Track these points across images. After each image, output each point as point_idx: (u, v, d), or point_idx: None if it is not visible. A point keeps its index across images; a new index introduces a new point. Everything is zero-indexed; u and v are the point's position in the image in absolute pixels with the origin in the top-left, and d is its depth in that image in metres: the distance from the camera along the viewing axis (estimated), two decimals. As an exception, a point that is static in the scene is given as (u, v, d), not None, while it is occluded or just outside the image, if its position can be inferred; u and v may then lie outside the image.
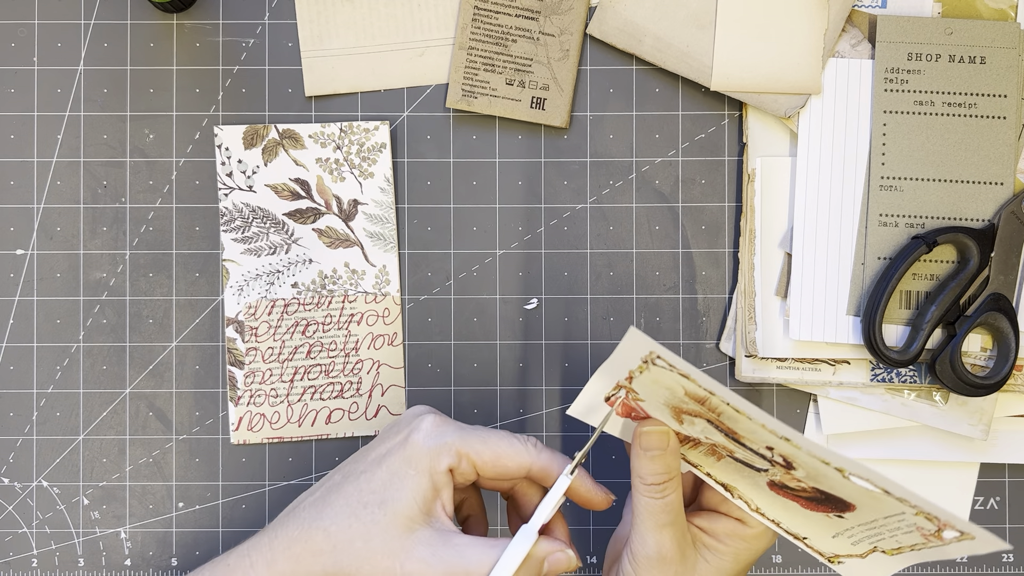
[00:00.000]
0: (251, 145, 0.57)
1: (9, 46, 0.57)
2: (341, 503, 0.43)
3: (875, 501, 0.39)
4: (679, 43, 0.56)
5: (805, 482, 0.41)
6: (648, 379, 0.41)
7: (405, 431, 0.44)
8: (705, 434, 0.42)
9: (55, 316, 0.57)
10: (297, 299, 0.57)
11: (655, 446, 0.43)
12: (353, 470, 0.44)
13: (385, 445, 0.44)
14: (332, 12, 0.57)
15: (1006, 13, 0.56)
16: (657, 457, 0.43)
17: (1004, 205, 0.54)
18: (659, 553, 0.43)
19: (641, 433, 0.44)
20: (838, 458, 0.38)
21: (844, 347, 0.55)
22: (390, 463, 0.43)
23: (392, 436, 0.45)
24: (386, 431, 0.46)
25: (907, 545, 0.41)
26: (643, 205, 0.57)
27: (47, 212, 0.57)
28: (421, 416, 0.45)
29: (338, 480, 0.44)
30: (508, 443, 0.44)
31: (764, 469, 0.42)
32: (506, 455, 0.44)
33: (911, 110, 0.55)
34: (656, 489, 0.43)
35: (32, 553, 0.57)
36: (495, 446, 0.44)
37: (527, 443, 0.45)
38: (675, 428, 0.44)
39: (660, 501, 0.43)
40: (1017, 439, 0.56)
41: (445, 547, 0.42)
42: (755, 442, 0.41)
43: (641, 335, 0.38)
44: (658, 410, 0.43)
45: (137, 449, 0.57)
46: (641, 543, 0.44)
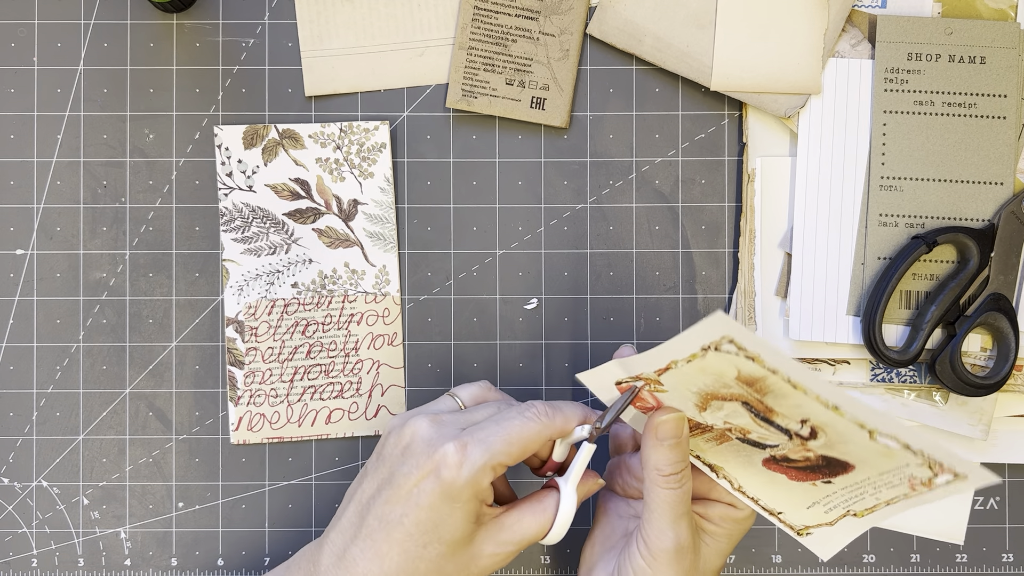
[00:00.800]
0: (251, 145, 0.57)
1: (9, 46, 0.57)
2: (397, 552, 0.43)
3: (884, 458, 0.40)
4: (679, 43, 0.56)
5: (816, 451, 0.41)
6: (693, 368, 0.41)
7: (428, 464, 0.43)
8: (727, 418, 0.42)
9: (55, 316, 0.57)
10: (297, 299, 0.57)
11: (671, 434, 0.44)
12: (389, 514, 0.43)
13: (411, 478, 0.43)
14: (332, 12, 0.57)
15: (1006, 13, 0.56)
16: (675, 446, 0.44)
17: (1004, 205, 0.54)
18: (678, 544, 0.44)
19: (658, 423, 0.44)
20: (876, 418, 0.38)
21: (844, 347, 0.55)
22: (432, 503, 0.42)
23: (413, 467, 0.43)
24: (394, 453, 0.45)
25: (884, 500, 0.42)
26: (643, 205, 0.57)
27: (47, 212, 0.57)
28: (434, 444, 0.43)
29: (375, 526, 0.43)
30: (524, 427, 0.44)
31: (775, 445, 0.42)
32: (529, 439, 0.44)
33: (911, 110, 0.55)
34: (675, 479, 0.44)
35: (32, 553, 0.57)
36: (516, 438, 0.43)
37: (539, 415, 0.44)
38: (692, 416, 0.44)
39: (678, 491, 0.44)
40: (1017, 439, 0.56)
41: (503, 532, 0.45)
42: (791, 417, 0.41)
43: (727, 318, 0.37)
44: (681, 399, 0.43)
45: (137, 449, 0.57)
46: (659, 536, 0.44)
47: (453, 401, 0.48)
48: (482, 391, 0.49)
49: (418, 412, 0.46)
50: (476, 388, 0.49)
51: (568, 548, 0.57)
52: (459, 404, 0.48)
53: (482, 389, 0.49)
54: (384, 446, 0.45)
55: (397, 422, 0.46)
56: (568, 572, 0.58)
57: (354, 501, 0.45)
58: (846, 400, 0.38)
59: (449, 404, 0.48)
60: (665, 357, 0.41)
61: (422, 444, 0.43)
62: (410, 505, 0.43)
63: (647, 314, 0.57)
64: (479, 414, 0.46)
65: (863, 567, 0.57)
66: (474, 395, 0.48)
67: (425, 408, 0.47)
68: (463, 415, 0.46)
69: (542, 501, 0.46)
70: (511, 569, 0.57)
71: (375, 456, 0.46)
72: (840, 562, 0.57)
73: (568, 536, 0.48)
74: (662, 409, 0.44)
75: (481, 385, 0.49)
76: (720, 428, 0.43)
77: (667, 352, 0.41)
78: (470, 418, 0.45)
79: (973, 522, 0.57)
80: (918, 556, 0.57)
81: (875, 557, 0.57)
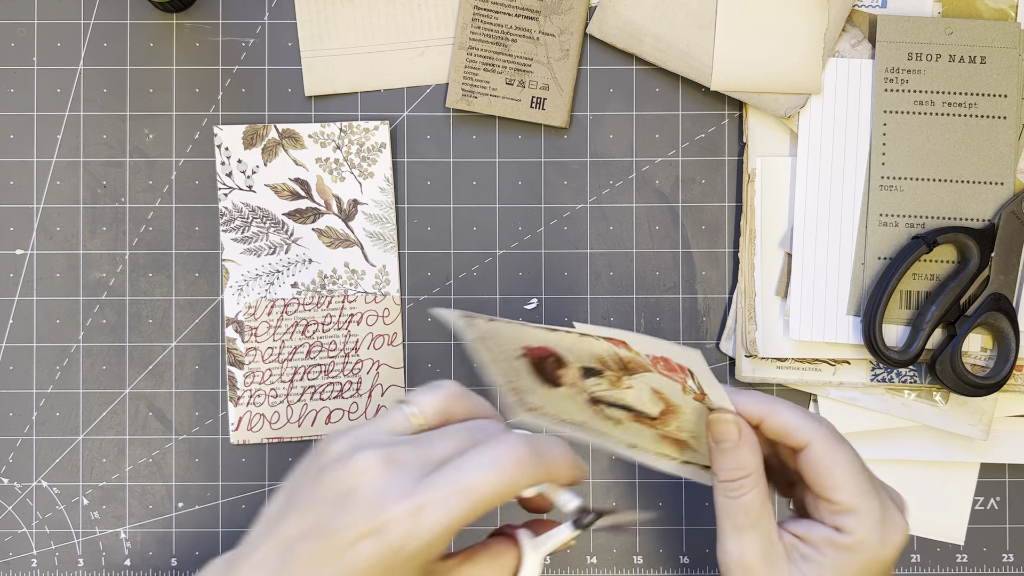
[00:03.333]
0: (251, 145, 0.57)
1: (9, 46, 0.57)
2: None
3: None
4: (679, 43, 0.56)
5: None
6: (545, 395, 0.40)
7: (370, 524, 0.35)
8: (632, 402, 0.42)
9: (55, 316, 0.57)
10: (297, 299, 0.57)
11: (726, 436, 0.40)
12: (315, 571, 0.35)
13: (346, 536, 0.35)
14: (332, 12, 0.57)
15: (1006, 13, 0.55)
16: (730, 450, 0.40)
17: (1004, 205, 0.54)
18: (739, 560, 0.39)
19: (711, 422, 0.40)
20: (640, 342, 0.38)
21: (844, 347, 0.55)
22: (368, 570, 0.35)
23: (351, 523, 0.35)
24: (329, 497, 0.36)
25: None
26: (643, 205, 0.57)
27: (47, 212, 0.57)
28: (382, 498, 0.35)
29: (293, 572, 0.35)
30: (497, 480, 0.35)
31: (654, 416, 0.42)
32: (501, 495, 0.36)
33: (911, 110, 0.55)
34: (732, 487, 0.40)
35: (32, 553, 0.57)
36: (486, 496, 0.35)
37: (519, 464, 0.36)
38: (595, 423, 0.42)
39: (736, 501, 0.40)
40: (1017, 439, 0.56)
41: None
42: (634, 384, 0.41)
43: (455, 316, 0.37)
44: (578, 411, 0.42)
45: (137, 449, 0.57)
46: (722, 548, 0.40)
47: (407, 416, 0.39)
48: (448, 402, 0.39)
49: (366, 443, 0.37)
50: (440, 399, 0.39)
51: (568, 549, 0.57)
52: (414, 420, 0.39)
53: (448, 399, 0.39)
54: (319, 481, 0.37)
55: (340, 450, 0.37)
56: (568, 572, 0.57)
57: (273, 537, 0.37)
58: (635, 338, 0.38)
59: (401, 423, 0.39)
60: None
61: (367, 496, 0.35)
62: (342, 566, 0.35)
63: (647, 314, 0.57)
64: (442, 448, 0.37)
65: (863, 567, 0.57)
66: (438, 409, 0.39)
67: (372, 432, 0.38)
68: (422, 449, 0.37)
69: (501, 557, 0.38)
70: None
71: (305, 483, 0.37)
72: (840, 562, 0.57)
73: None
74: (718, 410, 0.41)
75: (447, 394, 0.39)
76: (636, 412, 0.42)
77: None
78: (430, 453, 0.37)
79: (973, 522, 0.57)
80: (918, 556, 0.57)
81: (875, 557, 0.57)
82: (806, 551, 0.40)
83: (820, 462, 0.39)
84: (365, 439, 0.37)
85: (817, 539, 0.39)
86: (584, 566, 0.57)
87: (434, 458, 0.36)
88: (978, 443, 0.56)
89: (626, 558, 0.57)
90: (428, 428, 0.39)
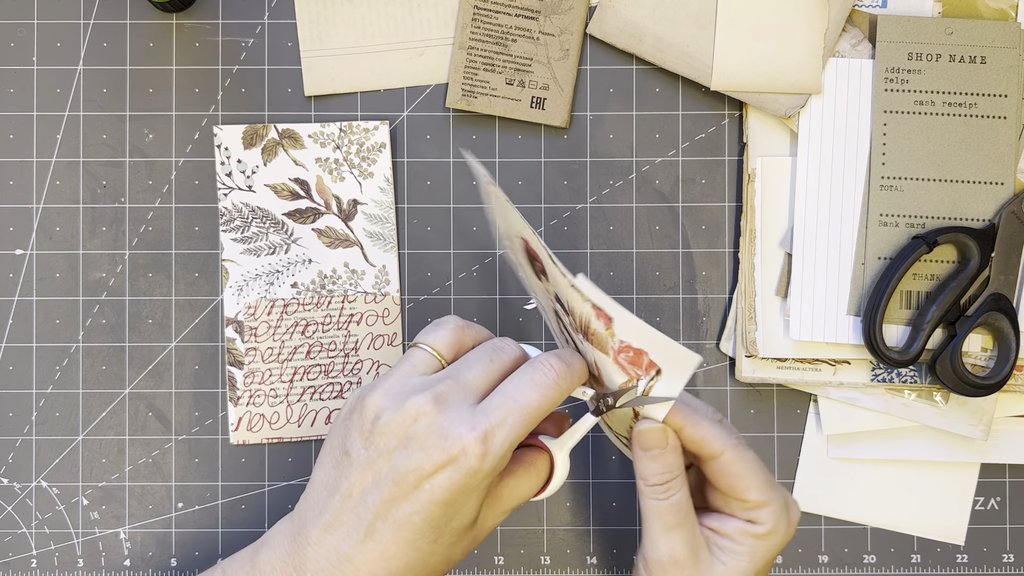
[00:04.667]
0: (250, 145, 0.57)
1: (8, 46, 0.57)
2: (407, 552, 0.40)
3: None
4: (679, 43, 0.56)
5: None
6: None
7: (443, 457, 0.39)
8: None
9: (54, 316, 0.57)
10: (297, 299, 0.57)
11: (654, 444, 0.43)
12: (395, 513, 0.39)
13: (421, 472, 0.39)
14: (332, 12, 0.57)
15: (1006, 13, 0.55)
16: (658, 456, 0.43)
17: (1004, 205, 0.54)
18: (671, 556, 0.42)
19: (639, 432, 0.43)
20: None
21: (844, 347, 0.55)
22: (448, 498, 0.39)
23: (423, 460, 0.39)
24: (390, 443, 0.40)
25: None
26: (643, 205, 0.57)
27: (46, 212, 0.57)
28: (447, 433, 0.39)
29: (379, 527, 0.39)
30: (544, 399, 0.40)
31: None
32: (548, 410, 0.41)
33: (911, 110, 0.55)
34: (660, 490, 0.43)
35: (31, 554, 0.57)
36: (537, 413, 0.40)
37: (559, 381, 0.41)
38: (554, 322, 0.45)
39: (665, 503, 0.43)
40: (1018, 439, 0.56)
41: (502, 501, 0.42)
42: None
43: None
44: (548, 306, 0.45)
45: (136, 449, 0.57)
46: (652, 547, 0.43)
47: (429, 355, 0.43)
48: (457, 335, 0.44)
49: (406, 389, 0.41)
50: (448, 332, 0.44)
51: (568, 549, 0.57)
52: (436, 357, 0.43)
53: (455, 332, 0.44)
54: (373, 435, 0.40)
55: (383, 402, 0.41)
56: (567, 572, 0.57)
57: (339, 496, 0.40)
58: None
59: (426, 360, 0.43)
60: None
61: (432, 434, 0.39)
62: (421, 502, 0.39)
63: (647, 314, 0.57)
64: (474, 376, 0.41)
65: (864, 567, 0.57)
66: (449, 342, 0.43)
67: (403, 378, 0.42)
68: (460, 382, 0.41)
69: (535, 464, 0.43)
70: (513, 570, 0.57)
71: (356, 441, 0.41)
72: (840, 562, 0.57)
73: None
74: (644, 420, 0.43)
75: (451, 327, 0.44)
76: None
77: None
78: (468, 384, 0.41)
79: (974, 522, 0.57)
80: (919, 556, 0.57)
81: (876, 558, 0.57)
82: (723, 543, 0.43)
83: (732, 468, 0.43)
84: (403, 386, 0.41)
85: (732, 531, 0.43)
86: (584, 566, 0.57)
87: (473, 387, 0.41)
88: (978, 443, 0.56)
89: (626, 558, 0.57)
90: (448, 362, 0.43)
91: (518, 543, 0.57)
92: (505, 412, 0.39)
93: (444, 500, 0.39)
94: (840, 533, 0.57)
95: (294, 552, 0.41)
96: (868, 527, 0.57)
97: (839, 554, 0.57)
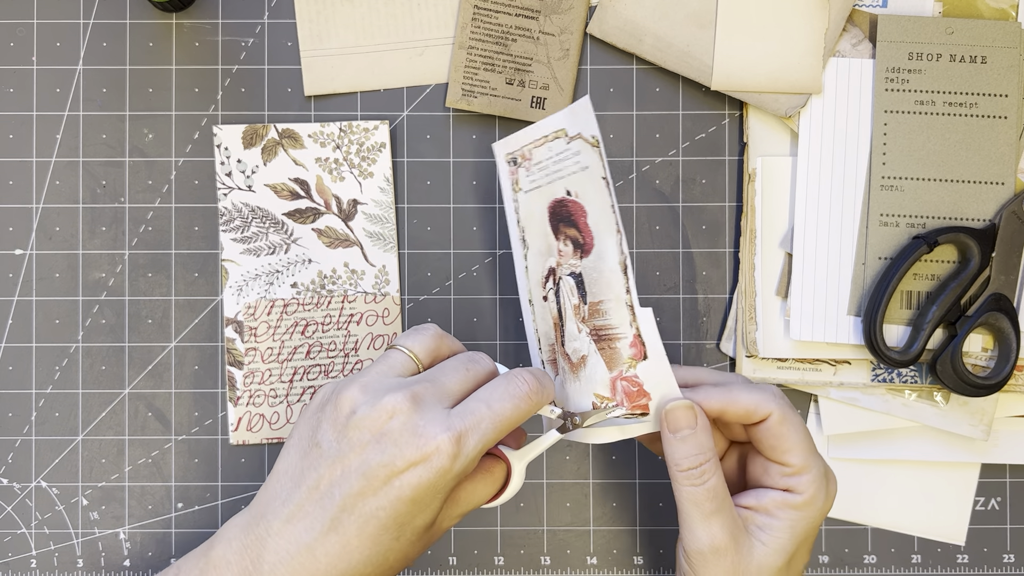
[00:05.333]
0: (250, 145, 0.57)
1: (8, 45, 0.57)
2: (368, 546, 0.39)
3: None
4: (679, 42, 0.56)
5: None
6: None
7: (415, 455, 0.39)
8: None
9: (54, 316, 0.57)
10: (296, 299, 0.57)
11: (684, 424, 0.42)
12: (361, 507, 0.39)
13: (391, 469, 0.39)
14: (331, 11, 0.57)
15: (1007, 13, 0.55)
16: (688, 437, 0.42)
17: (1005, 205, 0.54)
18: (711, 545, 0.41)
19: (667, 413, 0.42)
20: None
21: (845, 347, 0.55)
22: (416, 496, 0.39)
23: (394, 456, 0.39)
24: (364, 437, 0.40)
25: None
26: (643, 205, 0.57)
27: (46, 212, 0.57)
28: (422, 432, 0.39)
29: (343, 520, 0.39)
30: (516, 409, 0.41)
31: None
32: (519, 422, 0.41)
33: (912, 110, 0.55)
34: (695, 474, 0.41)
35: (31, 554, 0.57)
36: (509, 423, 0.41)
37: (531, 395, 0.41)
38: (535, 292, 0.47)
39: (702, 488, 0.41)
40: (1018, 439, 0.56)
41: (459, 505, 0.43)
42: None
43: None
44: (536, 273, 0.47)
45: (136, 449, 0.57)
46: (692, 537, 0.42)
47: (407, 358, 0.43)
48: (435, 343, 0.44)
49: (384, 387, 0.41)
50: (427, 339, 0.44)
51: (568, 549, 0.57)
52: (414, 360, 0.43)
53: (434, 339, 0.44)
54: (347, 428, 0.40)
55: (359, 397, 0.40)
56: (567, 572, 0.57)
57: (306, 487, 0.40)
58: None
59: (404, 362, 0.43)
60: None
61: (407, 432, 0.39)
62: (389, 498, 0.39)
63: (647, 314, 0.57)
64: (450, 382, 0.42)
65: (864, 568, 0.57)
66: (428, 348, 0.44)
67: (380, 376, 0.42)
68: (437, 386, 0.41)
69: (493, 472, 0.44)
70: (513, 570, 0.57)
71: (327, 433, 0.40)
72: (841, 563, 0.57)
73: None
74: (671, 400, 0.42)
75: (431, 334, 0.44)
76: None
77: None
78: (444, 389, 0.41)
79: (974, 522, 0.57)
80: (919, 557, 0.57)
81: (876, 558, 0.57)
82: (761, 520, 0.42)
83: (778, 429, 0.42)
84: (380, 383, 0.41)
85: (769, 505, 0.42)
86: (584, 567, 0.57)
87: (449, 391, 0.41)
88: (979, 443, 0.56)
89: (626, 558, 0.57)
90: (425, 367, 0.44)
91: (518, 543, 0.57)
92: (479, 417, 0.40)
93: (412, 498, 0.39)
94: (841, 533, 0.57)
95: (252, 544, 0.40)
96: (869, 527, 0.57)
97: (840, 554, 0.57)
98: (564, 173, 0.46)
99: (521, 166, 0.48)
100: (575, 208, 0.45)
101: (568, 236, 0.46)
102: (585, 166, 0.45)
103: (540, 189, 0.47)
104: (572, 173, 0.45)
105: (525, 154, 0.48)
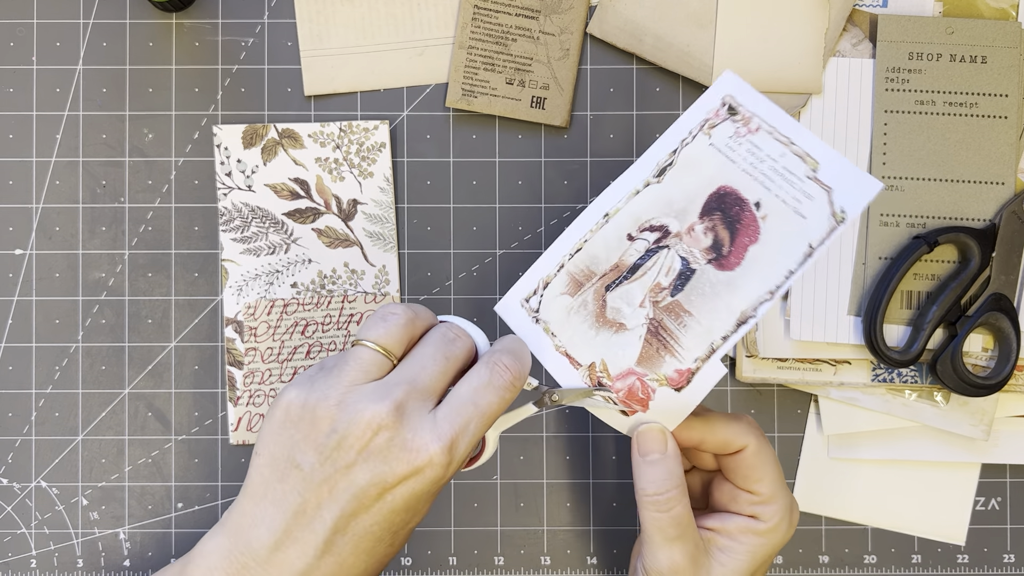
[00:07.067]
0: (250, 145, 0.57)
1: (8, 45, 0.57)
2: (364, 559, 0.39)
3: None
4: (680, 42, 0.56)
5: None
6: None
7: (406, 469, 0.38)
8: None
9: (54, 316, 0.57)
10: (296, 299, 0.57)
11: (653, 448, 0.42)
12: (355, 527, 0.38)
13: (383, 484, 0.38)
14: (331, 11, 0.57)
15: (1007, 12, 0.55)
16: (657, 462, 0.42)
17: (1005, 205, 0.54)
18: (670, 567, 0.42)
19: (638, 436, 0.43)
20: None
21: (845, 347, 0.55)
22: (410, 505, 0.39)
23: (384, 472, 0.38)
24: (348, 456, 0.38)
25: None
26: (643, 205, 0.57)
27: (46, 212, 0.57)
28: (411, 444, 0.38)
29: (336, 541, 0.38)
30: (501, 403, 0.40)
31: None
32: (500, 413, 0.40)
33: (912, 110, 0.55)
34: (661, 501, 0.42)
35: (31, 554, 0.57)
36: (493, 417, 0.40)
37: (514, 384, 0.40)
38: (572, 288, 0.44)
39: (666, 515, 0.42)
40: (1018, 440, 0.56)
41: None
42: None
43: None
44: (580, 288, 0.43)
45: (136, 449, 0.57)
46: (652, 558, 0.42)
47: (378, 355, 0.40)
48: (405, 330, 0.41)
49: (360, 399, 0.38)
50: (396, 328, 0.41)
51: (568, 549, 0.57)
52: (386, 356, 0.40)
53: (404, 328, 0.41)
54: (328, 446, 0.38)
55: (342, 415, 0.38)
56: (567, 572, 0.57)
57: (290, 512, 0.38)
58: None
59: (376, 361, 0.40)
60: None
61: (395, 448, 0.38)
62: (383, 512, 0.38)
63: (647, 314, 0.57)
64: (428, 376, 0.40)
65: (864, 568, 0.57)
66: (399, 339, 0.41)
67: (350, 383, 0.39)
68: (415, 386, 0.39)
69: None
70: (513, 570, 0.57)
71: (310, 454, 0.38)
72: (841, 563, 0.57)
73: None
74: (644, 423, 0.43)
75: (400, 322, 0.41)
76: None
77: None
78: (424, 387, 0.39)
79: (974, 522, 0.57)
80: (919, 557, 0.57)
81: (876, 558, 0.57)
82: (723, 543, 0.43)
83: (752, 460, 0.44)
84: (357, 395, 0.39)
85: (733, 529, 0.43)
86: (584, 566, 0.57)
87: (431, 390, 0.40)
88: (979, 443, 0.56)
89: (627, 558, 0.57)
90: (399, 358, 0.41)
91: (518, 543, 0.57)
92: (467, 418, 0.39)
93: (405, 508, 0.39)
94: (841, 533, 0.57)
95: (237, 573, 0.39)
96: (869, 527, 0.57)
97: (840, 554, 0.57)
98: (773, 188, 0.39)
99: (732, 122, 0.39)
100: (748, 224, 0.39)
101: (715, 233, 0.41)
102: (803, 215, 0.38)
103: (727, 164, 0.39)
104: (781, 200, 0.38)
105: (749, 117, 0.39)
